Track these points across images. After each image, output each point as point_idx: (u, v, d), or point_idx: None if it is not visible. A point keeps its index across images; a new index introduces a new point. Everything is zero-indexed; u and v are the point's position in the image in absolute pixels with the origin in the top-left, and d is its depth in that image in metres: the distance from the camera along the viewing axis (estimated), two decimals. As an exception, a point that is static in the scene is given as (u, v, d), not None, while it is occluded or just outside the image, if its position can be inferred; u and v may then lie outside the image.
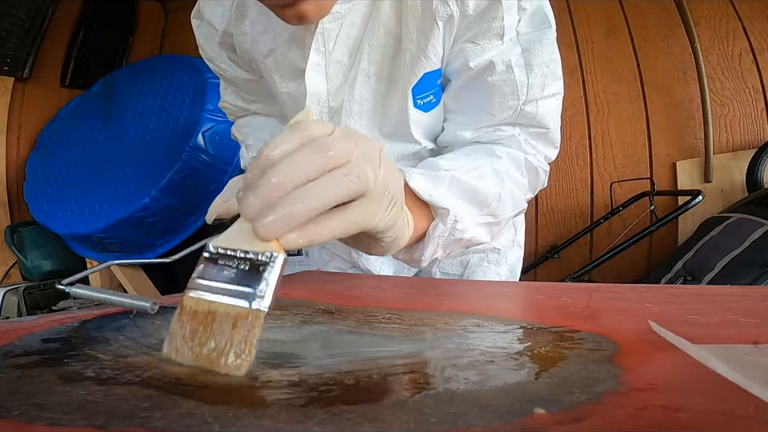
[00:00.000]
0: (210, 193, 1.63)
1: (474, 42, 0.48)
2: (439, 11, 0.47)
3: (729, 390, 0.21)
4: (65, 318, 0.38)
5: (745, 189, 1.52)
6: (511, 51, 0.48)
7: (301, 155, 0.25)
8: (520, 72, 0.48)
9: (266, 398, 0.21)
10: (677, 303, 0.43)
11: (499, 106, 0.50)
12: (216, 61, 0.65)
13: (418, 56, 0.50)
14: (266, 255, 0.25)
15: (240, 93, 0.70)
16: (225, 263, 0.25)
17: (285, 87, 0.56)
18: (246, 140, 0.70)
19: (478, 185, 0.46)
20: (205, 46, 0.65)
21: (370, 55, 0.52)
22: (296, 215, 0.25)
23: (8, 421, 0.18)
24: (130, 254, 1.70)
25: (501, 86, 0.49)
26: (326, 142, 0.26)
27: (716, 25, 1.61)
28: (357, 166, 0.27)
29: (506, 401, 0.20)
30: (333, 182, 0.26)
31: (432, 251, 0.43)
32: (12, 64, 1.83)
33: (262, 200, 0.25)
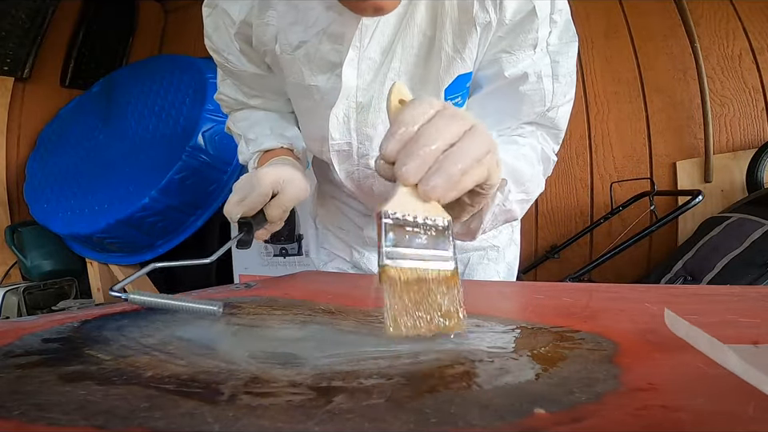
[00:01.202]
0: (209, 193, 1.62)
1: (509, 51, 0.50)
2: (479, 17, 0.48)
3: (729, 389, 0.21)
4: (65, 317, 0.38)
5: (745, 189, 1.52)
6: (542, 62, 0.51)
7: (441, 124, 0.30)
8: (548, 82, 0.52)
9: (266, 398, 0.21)
10: (677, 303, 0.43)
11: (526, 112, 0.54)
12: (223, 52, 0.64)
13: (454, 58, 0.51)
14: (445, 220, 0.29)
15: (241, 87, 0.70)
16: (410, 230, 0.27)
17: (314, 80, 0.56)
18: (246, 134, 0.69)
19: (516, 163, 0.48)
20: (213, 36, 0.63)
21: (402, 54, 0.53)
22: (455, 175, 0.29)
23: (8, 421, 0.18)
24: (131, 254, 1.71)
25: (531, 95, 0.52)
26: (454, 110, 0.30)
27: (716, 25, 1.60)
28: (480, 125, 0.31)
29: (506, 401, 0.20)
30: (474, 142, 0.30)
31: (488, 220, 0.44)
32: (12, 64, 1.83)
33: (424, 165, 0.29)
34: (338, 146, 0.58)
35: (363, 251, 0.76)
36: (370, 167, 0.59)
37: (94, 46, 2.13)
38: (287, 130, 0.68)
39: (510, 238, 0.77)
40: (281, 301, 0.47)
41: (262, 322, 0.38)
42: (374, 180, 0.61)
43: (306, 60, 0.55)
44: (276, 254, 1.69)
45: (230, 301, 0.46)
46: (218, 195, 1.64)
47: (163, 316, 0.39)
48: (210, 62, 1.90)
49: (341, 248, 0.79)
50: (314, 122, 0.60)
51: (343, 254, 0.79)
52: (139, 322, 0.36)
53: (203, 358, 0.27)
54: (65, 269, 1.78)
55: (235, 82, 0.69)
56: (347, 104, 0.55)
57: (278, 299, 0.48)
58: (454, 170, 0.29)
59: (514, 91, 0.52)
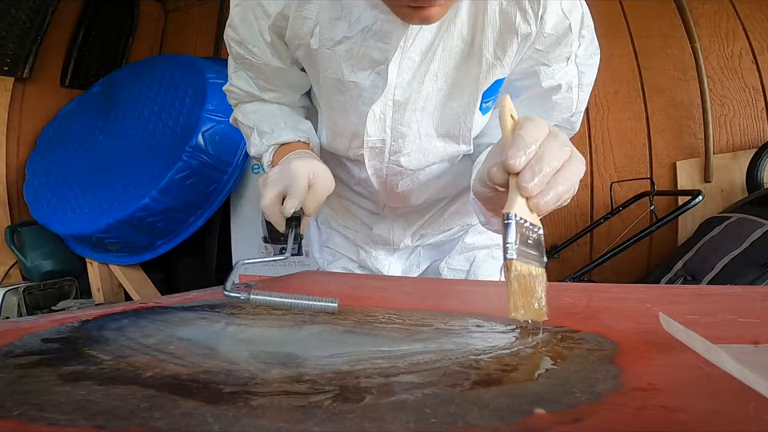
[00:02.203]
0: (209, 193, 1.62)
1: (547, 64, 0.54)
2: (521, 28, 0.51)
3: (728, 390, 0.21)
4: (65, 317, 0.38)
5: (745, 189, 1.52)
6: (572, 73, 0.56)
7: (556, 147, 0.35)
8: (576, 92, 0.57)
9: (266, 398, 0.21)
10: (677, 303, 0.43)
11: (555, 117, 0.59)
12: (248, 44, 0.62)
13: (494, 64, 0.54)
14: (540, 228, 0.34)
15: (257, 80, 0.68)
16: (525, 232, 0.33)
17: (353, 76, 0.56)
18: (260, 126, 0.68)
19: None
20: (240, 27, 0.62)
21: (441, 57, 0.54)
22: (562, 193, 0.35)
23: (8, 421, 0.18)
24: (131, 254, 1.71)
25: (561, 103, 0.58)
26: (563, 137, 0.36)
27: (716, 25, 1.60)
28: (575, 150, 0.37)
29: (506, 401, 0.20)
30: (577, 166, 0.36)
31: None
32: (12, 64, 1.83)
33: (543, 183, 0.34)
34: (372, 143, 0.59)
35: (371, 250, 0.77)
36: (400, 165, 0.61)
37: (94, 46, 2.12)
38: (300, 124, 0.68)
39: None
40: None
41: (262, 321, 0.38)
42: (400, 178, 0.63)
43: (347, 56, 0.55)
44: (276, 254, 1.69)
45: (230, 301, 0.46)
46: (217, 195, 1.64)
47: (163, 316, 0.39)
48: (210, 62, 1.89)
49: (347, 247, 0.79)
50: (346, 118, 0.60)
51: (349, 253, 0.79)
52: (139, 322, 0.36)
53: (203, 358, 0.27)
54: (65, 269, 1.78)
55: (251, 74, 0.68)
56: (384, 101, 0.56)
57: (278, 299, 0.48)
58: (561, 189, 0.35)
59: (547, 100, 0.57)
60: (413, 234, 0.73)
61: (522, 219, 0.32)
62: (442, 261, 0.76)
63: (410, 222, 0.72)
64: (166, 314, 0.39)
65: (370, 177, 0.64)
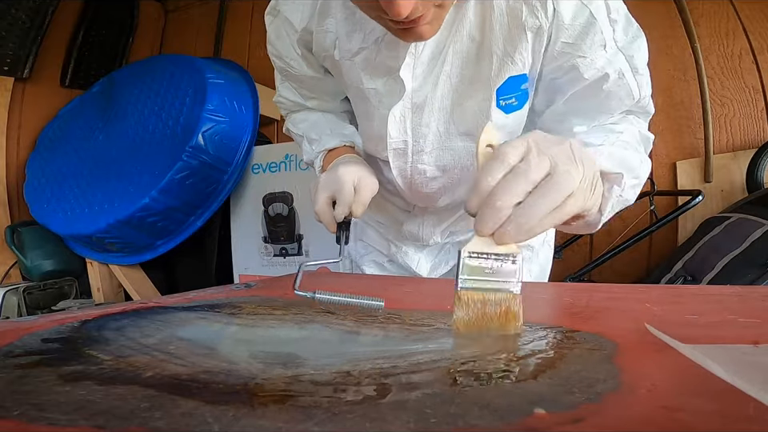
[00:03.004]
0: (209, 193, 1.62)
1: (583, 56, 0.53)
2: (528, 22, 0.52)
3: (728, 390, 0.21)
4: (65, 317, 0.38)
5: (745, 189, 1.52)
6: (618, 60, 0.53)
7: (513, 182, 0.33)
8: (630, 77, 0.55)
9: (266, 398, 0.21)
10: (677, 303, 0.44)
11: (615, 106, 0.57)
12: (286, 57, 0.68)
13: (505, 60, 0.54)
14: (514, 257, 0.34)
15: (300, 89, 0.75)
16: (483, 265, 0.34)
17: (372, 84, 0.61)
18: (309, 135, 0.75)
19: (624, 153, 0.52)
20: (276, 43, 0.68)
21: (453, 58, 0.56)
22: (524, 225, 0.33)
23: (8, 421, 0.18)
24: (131, 254, 1.71)
25: (616, 91, 0.55)
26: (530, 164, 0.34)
27: (716, 25, 1.60)
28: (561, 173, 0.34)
29: (506, 401, 0.20)
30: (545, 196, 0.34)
31: (609, 213, 0.48)
32: (12, 64, 1.83)
33: (497, 220, 0.33)
34: (395, 144, 0.62)
35: (401, 245, 0.79)
36: (423, 163, 0.63)
37: (94, 46, 2.12)
38: (345, 129, 0.74)
39: (544, 240, 0.79)
40: (281, 301, 0.47)
41: (262, 321, 0.38)
42: (424, 178, 0.65)
43: (364, 65, 0.60)
44: (276, 254, 1.69)
45: (230, 301, 0.46)
46: (217, 195, 1.64)
47: (164, 316, 0.39)
48: (210, 62, 1.90)
49: (379, 241, 0.82)
50: (372, 123, 0.64)
51: (381, 247, 0.82)
52: (139, 321, 0.36)
53: (203, 358, 0.27)
54: (65, 269, 1.77)
55: (294, 85, 0.74)
56: (403, 105, 0.59)
57: (278, 299, 0.48)
58: (521, 221, 0.33)
59: (598, 90, 0.55)
60: (442, 231, 0.74)
61: (477, 254, 0.34)
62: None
63: (441, 220, 0.73)
64: (166, 314, 0.39)
65: (396, 178, 0.66)
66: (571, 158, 0.35)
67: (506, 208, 0.33)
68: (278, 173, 1.70)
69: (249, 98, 1.77)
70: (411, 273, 0.79)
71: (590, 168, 0.37)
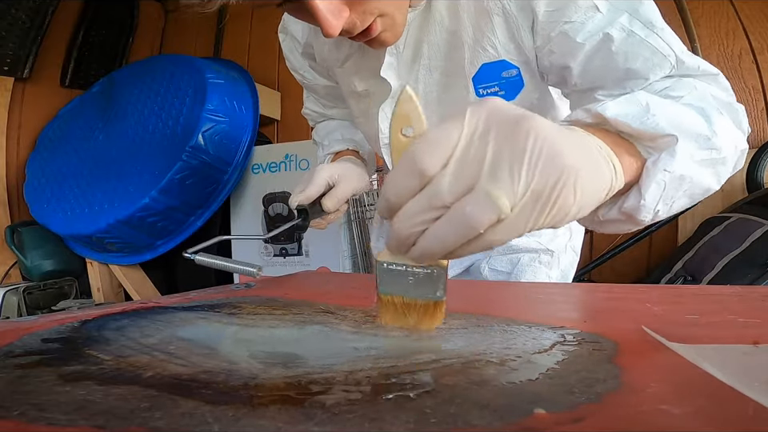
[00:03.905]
0: (209, 193, 1.62)
1: (569, 21, 0.48)
2: (491, 7, 0.51)
3: (729, 390, 0.21)
4: (65, 317, 0.38)
5: (745, 189, 1.52)
6: (618, 18, 0.46)
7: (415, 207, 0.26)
8: (646, 33, 0.46)
9: (266, 398, 0.21)
10: (677, 303, 0.43)
11: (645, 68, 0.46)
12: (300, 71, 0.75)
13: (476, 48, 0.54)
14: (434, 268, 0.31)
15: (320, 99, 0.81)
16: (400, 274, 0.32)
17: (363, 86, 0.64)
18: (322, 140, 0.80)
19: (681, 110, 0.38)
20: (290, 58, 0.74)
21: (429, 52, 0.57)
22: (432, 252, 0.27)
23: (8, 421, 0.18)
24: (131, 254, 1.70)
25: (634, 50, 0.46)
26: (436, 193, 0.25)
27: (716, 25, 1.60)
28: (479, 199, 0.24)
29: (505, 401, 0.20)
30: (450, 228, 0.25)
31: (656, 197, 0.35)
32: (12, 64, 1.82)
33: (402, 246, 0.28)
34: (387, 139, 0.64)
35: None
36: None
37: (94, 46, 2.12)
38: (356, 135, 0.78)
39: (567, 244, 0.76)
40: (281, 301, 0.47)
41: (262, 321, 0.38)
42: None
43: (354, 69, 0.63)
44: (276, 254, 1.69)
45: (230, 301, 0.46)
46: (217, 195, 1.64)
47: (164, 316, 0.39)
48: (210, 62, 1.90)
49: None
50: (368, 123, 0.67)
51: None
52: (139, 321, 0.36)
53: (203, 358, 0.27)
54: (65, 269, 1.77)
55: (314, 95, 0.81)
56: (391, 104, 0.61)
57: (278, 299, 0.48)
58: (426, 247, 0.27)
59: (609, 55, 0.47)
60: None
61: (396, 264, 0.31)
62: (483, 261, 0.77)
63: None
64: (166, 314, 0.39)
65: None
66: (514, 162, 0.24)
67: (411, 236, 0.27)
68: (277, 173, 1.70)
69: (249, 98, 1.77)
70: None
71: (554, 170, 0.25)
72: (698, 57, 0.47)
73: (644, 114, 0.35)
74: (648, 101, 0.37)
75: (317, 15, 0.42)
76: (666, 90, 0.44)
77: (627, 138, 0.36)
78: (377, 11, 0.47)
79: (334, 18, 0.43)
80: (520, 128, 0.25)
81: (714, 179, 0.39)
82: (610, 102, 0.37)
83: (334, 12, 0.43)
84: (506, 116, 0.25)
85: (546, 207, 0.25)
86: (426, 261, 0.29)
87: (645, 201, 0.35)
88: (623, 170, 0.32)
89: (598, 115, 0.36)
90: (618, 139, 0.36)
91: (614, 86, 0.49)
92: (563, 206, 0.25)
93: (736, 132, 0.42)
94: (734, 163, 0.42)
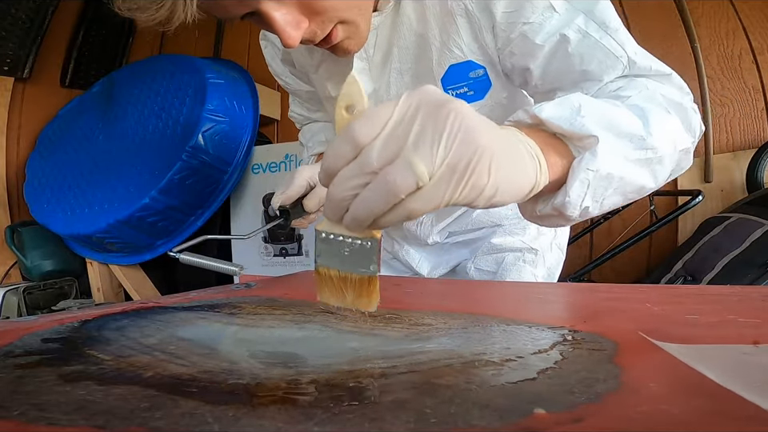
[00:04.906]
0: (209, 193, 1.62)
1: (527, 22, 0.49)
2: (454, 8, 0.52)
3: (728, 390, 0.21)
4: (65, 317, 0.38)
5: (745, 189, 1.52)
6: (575, 19, 0.48)
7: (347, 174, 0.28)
8: (601, 34, 0.47)
9: (266, 398, 0.21)
10: (677, 303, 0.43)
11: (599, 69, 0.48)
12: (282, 76, 0.76)
13: (442, 50, 0.54)
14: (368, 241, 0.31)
15: (304, 103, 0.82)
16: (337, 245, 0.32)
17: (337, 90, 0.64)
18: (307, 143, 0.83)
19: (616, 111, 0.39)
20: (272, 64, 0.75)
21: (399, 55, 0.57)
22: (361, 217, 0.29)
23: (8, 421, 0.18)
24: (131, 254, 1.70)
25: (589, 51, 0.48)
26: (366, 160, 0.28)
27: (716, 25, 1.60)
28: (401, 166, 0.27)
29: (505, 401, 0.20)
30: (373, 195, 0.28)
31: (580, 194, 0.37)
32: (12, 64, 1.82)
33: (338, 211, 0.29)
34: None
35: (403, 243, 0.80)
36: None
37: (94, 46, 2.12)
38: None
39: (552, 242, 0.77)
40: (281, 301, 0.47)
41: (261, 321, 0.38)
42: None
43: (327, 75, 0.64)
44: (276, 254, 1.69)
45: (230, 301, 0.46)
46: (217, 195, 1.64)
47: (164, 316, 0.39)
48: (210, 62, 1.90)
49: (385, 238, 0.84)
50: None
51: (386, 244, 0.84)
52: (139, 321, 0.36)
53: (203, 358, 0.27)
54: (65, 269, 1.77)
55: (298, 99, 0.82)
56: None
57: (278, 299, 0.48)
58: (356, 214, 0.29)
59: (566, 56, 0.49)
60: (440, 231, 0.75)
61: (333, 235, 0.32)
62: (469, 261, 0.77)
63: (438, 219, 0.73)
64: (166, 314, 0.39)
65: None
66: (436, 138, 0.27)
67: (344, 200, 0.29)
68: (277, 173, 1.70)
69: (249, 98, 1.77)
70: (413, 271, 0.80)
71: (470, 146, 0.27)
72: (651, 57, 0.49)
73: (575, 115, 0.37)
74: (581, 103, 0.38)
75: (275, 28, 0.44)
76: (618, 90, 0.46)
77: (561, 138, 0.38)
78: (336, 18, 0.47)
79: (292, 30, 0.44)
80: (444, 108, 0.27)
81: (649, 178, 0.40)
82: (547, 104, 0.38)
83: (293, 23, 0.45)
84: (435, 99, 0.28)
85: (461, 181, 0.28)
86: (357, 228, 0.30)
87: (569, 197, 0.37)
88: (550, 167, 0.35)
89: (534, 116, 0.38)
90: (552, 139, 0.38)
91: (571, 88, 0.50)
92: (477, 182, 0.28)
93: (680, 132, 0.43)
94: (676, 162, 0.43)
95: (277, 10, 0.44)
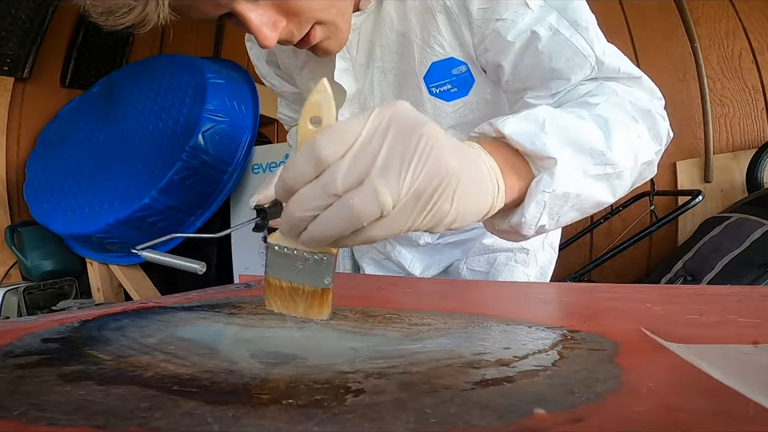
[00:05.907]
0: (209, 193, 1.62)
1: (500, 19, 0.49)
2: (434, 5, 0.51)
3: (728, 390, 0.21)
4: (65, 317, 0.38)
5: (745, 189, 1.52)
6: (547, 17, 0.47)
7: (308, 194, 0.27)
8: (571, 32, 0.47)
9: (266, 398, 0.21)
10: (677, 303, 0.44)
11: (567, 68, 0.48)
12: (268, 77, 0.75)
13: (424, 48, 0.54)
14: (323, 255, 0.31)
15: (291, 105, 0.81)
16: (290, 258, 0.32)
17: None
18: (293, 144, 0.83)
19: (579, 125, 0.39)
20: (258, 65, 0.74)
21: (382, 54, 0.57)
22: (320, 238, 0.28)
23: (8, 421, 0.18)
24: (131, 254, 1.70)
25: (558, 50, 0.47)
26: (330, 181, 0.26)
27: (716, 25, 1.60)
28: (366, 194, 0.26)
29: (505, 401, 0.20)
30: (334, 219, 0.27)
31: (535, 215, 0.37)
32: (12, 64, 1.82)
33: (294, 229, 0.29)
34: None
35: (395, 244, 0.79)
36: None
37: (94, 46, 2.12)
38: None
39: (543, 242, 0.77)
40: (281, 301, 0.47)
41: (261, 321, 0.38)
42: None
43: (311, 75, 0.63)
44: (276, 253, 1.69)
45: (230, 301, 0.46)
46: (217, 195, 1.64)
47: (164, 316, 0.39)
48: (210, 62, 1.89)
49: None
50: None
51: (378, 244, 0.83)
52: (139, 321, 0.36)
53: (203, 358, 0.27)
54: (65, 269, 1.77)
55: (285, 101, 0.81)
56: (351, 107, 0.61)
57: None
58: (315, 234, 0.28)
59: (536, 53, 0.48)
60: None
61: (286, 248, 0.31)
62: (462, 261, 0.77)
63: None
64: (166, 314, 0.39)
65: None
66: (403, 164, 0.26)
67: (304, 220, 0.28)
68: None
69: (249, 98, 1.77)
70: (405, 271, 0.80)
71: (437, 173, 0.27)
72: (622, 58, 0.49)
73: (537, 133, 0.37)
74: (546, 117, 0.38)
75: (250, 28, 0.44)
76: (587, 95, 0.47)
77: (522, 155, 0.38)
78: (313, 19, 0.47)
79: (268, 30, 0.44)
80: (415, 132, 0.27)
81: (607, 193, 0.41)
82: (511, 118, 0.38)
83: (268, 24, 0.45)
84: (406, 119, 0.27)
85: (423, 210, 0.28)
86: (315, 247, 0.30)
87: (525, 218, 0.37)
88: (508, 190, 0.35)
89: (498, 131, 0.38)
90: (513, 158, 0.38)
91: (540, 87, 0.50)
92: (439, 211, 0.28)
93: (644, 143, 0.43)
94: (637, 174, 0.43)
95: (252, 10, 0.44)
